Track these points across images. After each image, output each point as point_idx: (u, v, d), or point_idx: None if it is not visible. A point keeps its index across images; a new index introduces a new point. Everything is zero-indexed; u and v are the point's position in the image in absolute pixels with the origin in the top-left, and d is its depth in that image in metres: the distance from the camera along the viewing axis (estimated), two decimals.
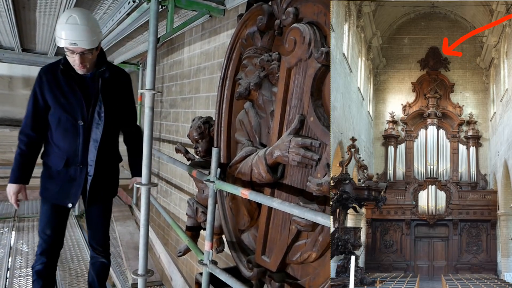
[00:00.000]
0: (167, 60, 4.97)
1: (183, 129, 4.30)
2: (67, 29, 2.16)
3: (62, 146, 2.39)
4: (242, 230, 2.28)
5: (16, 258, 4.59)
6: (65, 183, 2.44)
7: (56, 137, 2.38)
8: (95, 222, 2.71)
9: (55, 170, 2.43)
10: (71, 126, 2.36)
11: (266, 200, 1.64)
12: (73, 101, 2.33)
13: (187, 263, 4.12)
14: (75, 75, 2.33)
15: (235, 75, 2.33)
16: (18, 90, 8.05)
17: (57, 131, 2.36)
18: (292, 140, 1.72)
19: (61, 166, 2.40)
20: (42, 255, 2.52)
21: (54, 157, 2.42)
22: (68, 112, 2.34)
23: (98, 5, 3.43)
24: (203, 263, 2.13)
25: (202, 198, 2.72)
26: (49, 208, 2.51)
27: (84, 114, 2.36)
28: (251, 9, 2.17)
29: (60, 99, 2.31)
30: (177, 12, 3.41)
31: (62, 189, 2.44)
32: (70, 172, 2.43)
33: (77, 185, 2.44)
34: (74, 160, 2.41)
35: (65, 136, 2.37)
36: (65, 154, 2.39)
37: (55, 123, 2.35)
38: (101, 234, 2.75)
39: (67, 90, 2.32)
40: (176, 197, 4.59)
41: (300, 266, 1.83)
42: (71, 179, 2.44)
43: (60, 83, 2.31)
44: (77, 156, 2.40)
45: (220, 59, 3.32)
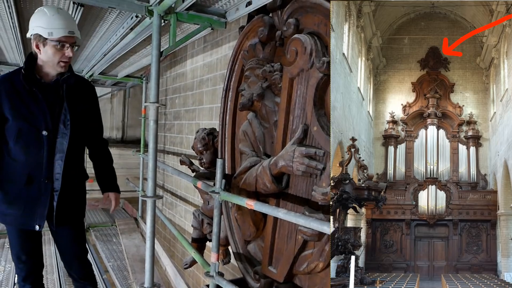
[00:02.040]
0: (170, 73, 5.02)
1: (187, 141, 4.32)
2: (63, 19, 2.06)
3: (23, 160, 2.13)
4: (248, 241, 2.27)
5: None
6: (29, 203, 2.16)
7: (16, 151, 2.13)
8: (69, 249, 2.42)
9: (16, 189, 2.16)
10: (33, 137, 2.12)
11: (272, 211, 1.64)
12: (35, 109, 2.12)
13: (193, 275, 4.10)
14: (38, 81, 2.14)
15: (237, 87, 2.35)
16: None
17: (17, 144, 2.12)
18: (296, 150, 1.72)
19: (23, 183, 2.13)
20: (25, 281, 2.34)
21: (13, 175, 2.15)
22: (29, 122, 2.11)
23: (102, 20, 3.49)
24: (209, 275, 2.12)
25: (207, 210, 2.72)
26: (17, 233, 2.26)
27: (48, 123, 2.13)
28: (252, 21, 2.19)
29: (20, 109, 2.09)
30: (179, 26, 3.46)
31: (25, 211, 2.17)
32: (34, 189, 2.16)
33: (43, 203, 2.17)
34: (38, 175, 2.15)
35: (27, 148, 2.13)
36: (27, 169, 2.14)
37: (14, 135, 2.11)
38: (78, 262, 2.45)
39: (28, 98, 2.11)
40: (181, 209, 4.59)
41: (307, 276, 1.81)
42: (35, 198, 2.16)
43: (19, 92, 2.10)
44: (42, 170, 2.15)
45: (223, 70, 3.35)
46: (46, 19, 2.04)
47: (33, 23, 2.09)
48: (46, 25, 2.03)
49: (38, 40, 2.07)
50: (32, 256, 2.33)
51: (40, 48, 2.09)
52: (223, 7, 2.90)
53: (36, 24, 2.06)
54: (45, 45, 2.07)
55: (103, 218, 6.80)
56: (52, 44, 2.05)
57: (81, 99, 2.29)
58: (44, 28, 2.03)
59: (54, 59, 2.10)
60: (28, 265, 2.33)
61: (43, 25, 2.04)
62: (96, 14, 3.32)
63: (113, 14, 3.27)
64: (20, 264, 2.31)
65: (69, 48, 2.09)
